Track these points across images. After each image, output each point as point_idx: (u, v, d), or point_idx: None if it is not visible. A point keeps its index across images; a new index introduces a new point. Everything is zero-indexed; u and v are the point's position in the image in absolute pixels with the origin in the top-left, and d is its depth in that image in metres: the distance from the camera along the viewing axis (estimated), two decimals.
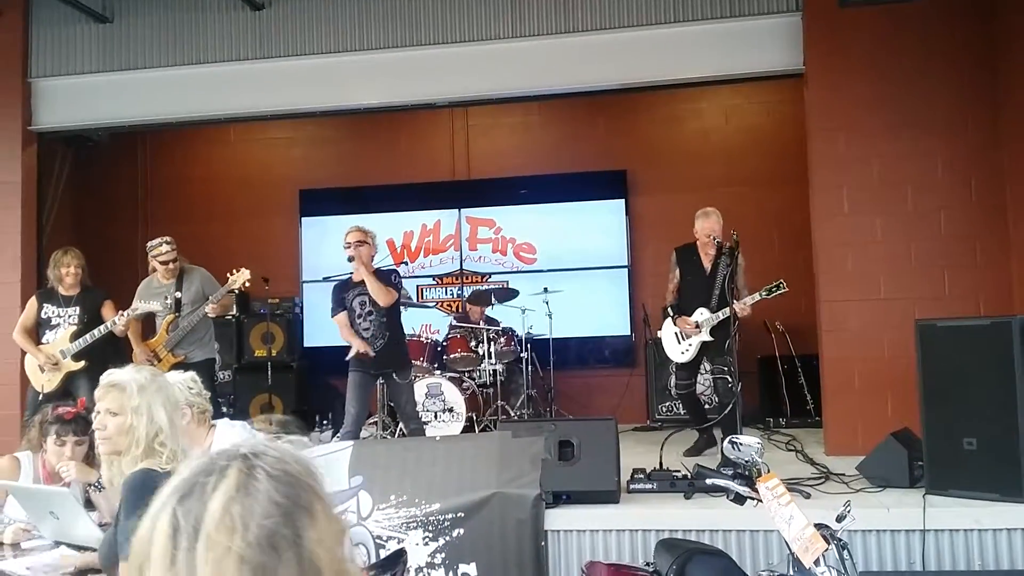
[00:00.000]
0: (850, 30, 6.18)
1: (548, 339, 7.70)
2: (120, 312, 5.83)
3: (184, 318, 5.88)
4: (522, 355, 7.39)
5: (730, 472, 3.05)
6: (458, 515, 4.49)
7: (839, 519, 2.82)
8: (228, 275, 5.89)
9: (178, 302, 5.94)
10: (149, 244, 5.99)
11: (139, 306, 5.86)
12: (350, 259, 5.62)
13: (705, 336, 5.89)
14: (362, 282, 5.62)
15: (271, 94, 7.20)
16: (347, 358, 5.70)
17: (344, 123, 9.06)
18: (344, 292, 5.74)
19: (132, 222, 9.36)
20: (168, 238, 5.96)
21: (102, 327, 5.83)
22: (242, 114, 7.52)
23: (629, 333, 8.67)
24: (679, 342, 6.06)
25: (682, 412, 7.26)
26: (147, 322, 6.09)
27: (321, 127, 9.19)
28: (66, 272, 5.98)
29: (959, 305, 5.76)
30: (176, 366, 5.54)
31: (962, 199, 5.99)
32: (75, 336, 5.88)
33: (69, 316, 5.98)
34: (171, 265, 5.91)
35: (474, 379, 7.10)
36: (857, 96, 6.15)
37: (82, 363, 5.85)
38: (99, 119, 7.57)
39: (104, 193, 9.10)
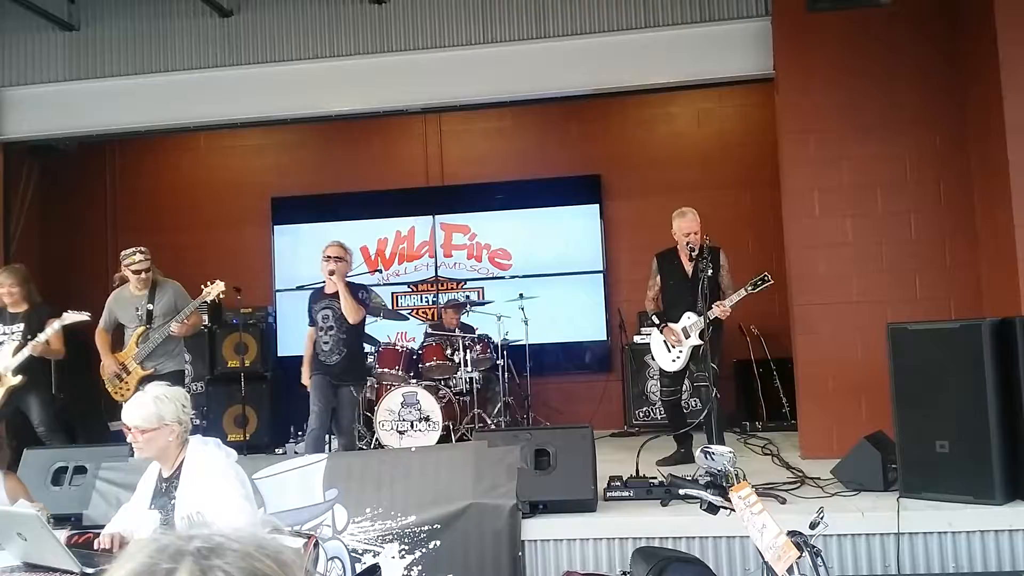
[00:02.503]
0: (818, 34, 6.22)
1: (524, 345, 7.67)
2: (49, 320, 5.81)
3: (155, 331, 5.80)
4: (498, 362, 7.36)
5: (703, 482, 3.04)
6: (434, 527, 4.46)
7: (812, 526, 2.83)
8: (202, 287, 5.82)
9: (150, 314, 5.85)
10: (122, 253, 5.91)
11: (66, 317, 5.80)
12: (331, 272, 5.69)
13: (695, 340, 5.81)
14: (330, 295, 5.74)
15: (241, 102, 7.13)
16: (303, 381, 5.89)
17: (316, 129, 9.00)
18: (312, 304, 5.91)
19: (101, 232, 9.24)
20: (142, 248, 5.88)
21: (34, 342, 5.77)
22: (212, 122, 7.46)
23: (605, 338, 8.67)
24: (669, 351, 5.98)
25: (660, 417, 7.26)
26: (116, 334, 6.00)
27: (293, 134, 9.13)
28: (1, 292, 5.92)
29: (930, 307, 5.80)
30: (145, 379, 5.47)
31: (931, 201, 6.04)
32: (15, 352, 5.83)
33: (13, 333, 5.93)
34: (143, 275, 5.82)
35: (450, 387, 7.06)
36: (826, 99, 6.19)
37: (20, 378, 5.79)
38: (66, 128, 7.48)
39: (72, 203, 8.98)
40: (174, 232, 8.78)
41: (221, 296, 5.86)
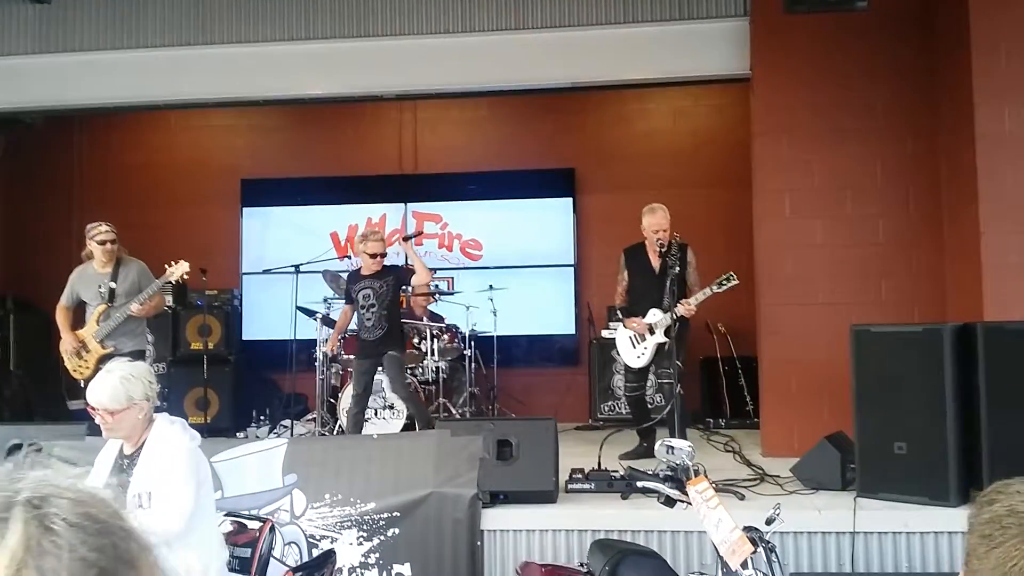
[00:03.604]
0: (796, 36, 6.24)
1: (492, 337, 7.65)
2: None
3: (117, 309, 5.70)
4: (465, 352, 7.34)
5: (663, 475, 3.04)
6: (393, 514, 4.44)
7: (768, 522, 2.83)
8: (166, 266, 5.73)
9: (112, 292, 5.76)
10: (88, 226, 5.80)
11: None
12: (407, 238, 6.33)
13: (660, 337, 5.81)
14: (369, 276, 6.09)
15: (214, 81, 7.03)
16: (324, 351, 6.47)
17: (289, 112, 8.91)
18: (351, 284, 6.22)
19: (66, 208, 9.07)
20: (108, 223, 5.79)
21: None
22: (183, 101, 7.35)
23: (574, 332, 8.68)
24: (634, 346, 5.98)
25: (625, 412, 7.28)
26: (78, 312, 5.90)
27: (265, 115, 9.03)
28: None
29: (895, 311, 5.86)
30: (104, 358, 5.39)
31: (900, 206, 6.09)
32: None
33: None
34: (109, 246, 5.71)
35: (416, 376, 7.02)
36: (801, 101, 6.22)
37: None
38: (34, 101, 7.33)
39: (37, 178, 8.81)
40: (140, 211, 8.64)
41: (185, 276, 5.78)
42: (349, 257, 8.30)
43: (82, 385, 5.39)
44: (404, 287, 6.37)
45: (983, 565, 0.95)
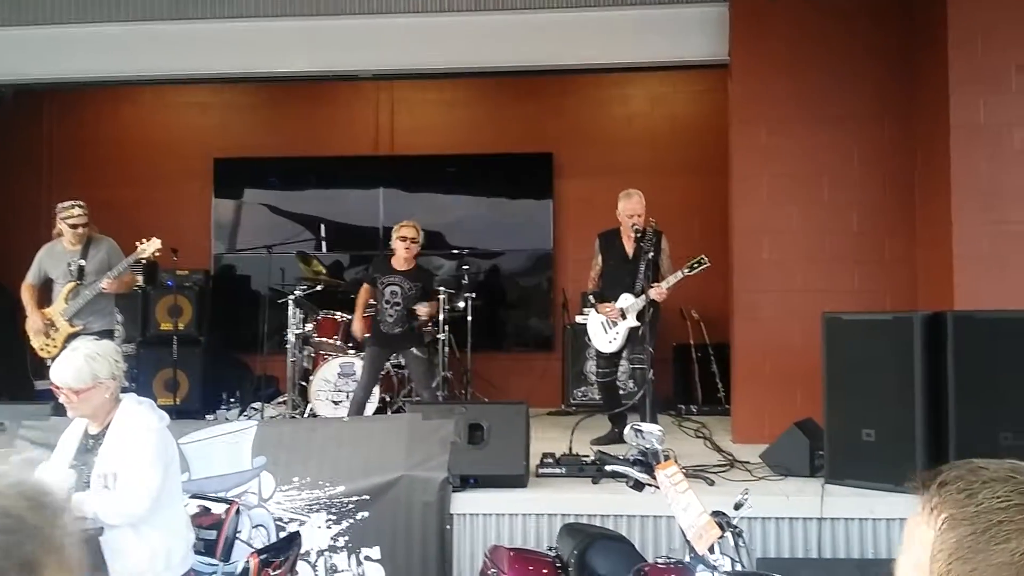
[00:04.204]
0: (775, 23, 6.23)
1: (467, 321, 7.62)
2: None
3: (86, 287, 5.62)
4: (439, 336, 7.30)
5: (632, 459, 3.04)
6: (363, 498, 4.42)
7: (736, 507, 2.83)
8: (136, 243, 5.65)
9: (81, 270, 5.68)
10: (59, 206, 5.72)
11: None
12: (412, 253, 6.13)
13: (631, 322, 5.81)
14: (400, 272, 6.10)
15: (186, 57, 6.92)
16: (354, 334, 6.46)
17: (263, 90, 8.80)
18: (380, 274, 6.19)
19: (35, 184, 8.91)
20: (80, 202, 5.71)
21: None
22: (156, 76, 7.27)
23: (548, 317, 8.66)
24: (606, 331, 5.97)
25: (597, 397, 7.28)
26: (45, 290, 5.80)
27: (239, 93, 8.90)
28: None
29: (867, 299, 5.89)
30: (72, 336, 5.31)
31: (875, 195, 6.12)
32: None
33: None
34: (79, 230, 5.63)
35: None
36: (780, 88, 6.22)
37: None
38: (4, 75, 7.18)
39: (6, 153, 8.64)
40: (111, 188, 8.49)
41: (156, 254, 5.70)
42: (323, 238, 8.20)
43: (49, 364, 5.31)
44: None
45: (987, 560, 0.86)
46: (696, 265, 5.55)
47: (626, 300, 5.83)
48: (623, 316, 5.84)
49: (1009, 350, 4.40)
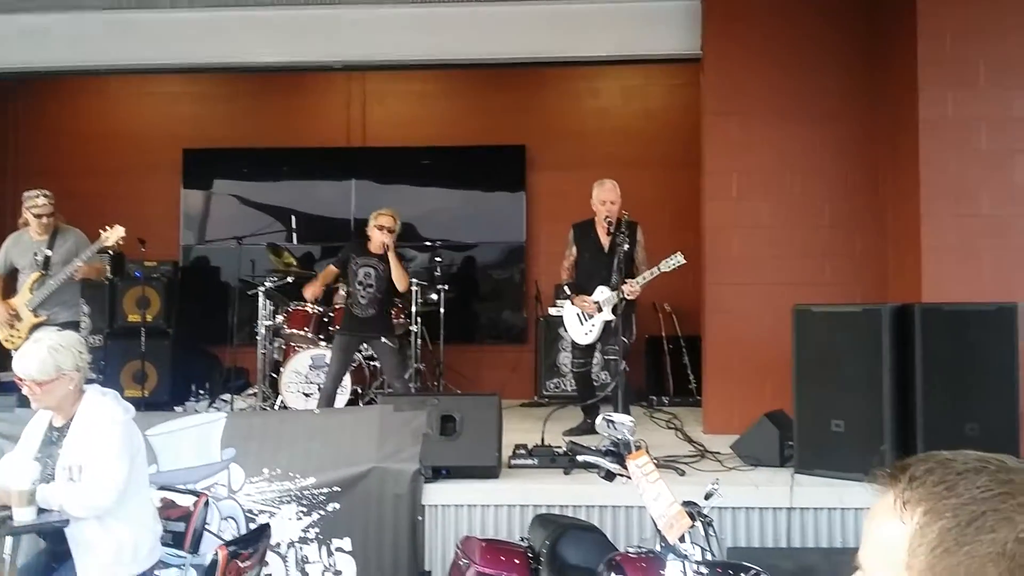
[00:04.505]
0: (747, 18, 6.26)
1: (439, 313, 7.60)
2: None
3: (52, 277, 5.53)
4: (412, 328, 7.27)
5: (604, 449, 3.04)
6: (334, 489, 4.39)
7: (707, 497, 2.84)
8: (100, 231, 5.57)
9: (47, 260, 5.60)
10: (25, 194, 5.64)
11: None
12: (386, 246, 5.98)
13: (607, 315, 5.80)
14: (376, 255, 6.03)
15: (155, 47, 6.82)
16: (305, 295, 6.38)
17: (234, 81, 8.69)
18: (354, 254, 6.12)
19: (1, 174, 8.75)
20: (47, 191, 5.63)
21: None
22: (122, 66, 7.16)
23: (521, 309, 8.66)
24: (582, 323, 5.96)
25: (570, 389, 7.30)
26: (7, 279, 5.70)
27: (209, 84, 8.79)
28: None
29: (837, 292, 5.93)
30: (37, 327, 5.23)
31: (845, 189, 6.17)
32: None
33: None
34: (45, 219, 5.55)
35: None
36: (751, 82, 6.24)
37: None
38: None
39: None
40: (78, 179, 8.36)
41: (121, 242, 5.62)
42: (295, 229, 8.12)
43: (13, 355, 5.23)
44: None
45: (973, 552, 0.85)
46: (672, 263, 5.55)
47: (602, 293, 5.83)
48: (599, 309, 5.84)
49: (975, 342, 4.46)
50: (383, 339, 6.11)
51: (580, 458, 3.26)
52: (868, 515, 0.97)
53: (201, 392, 7.52)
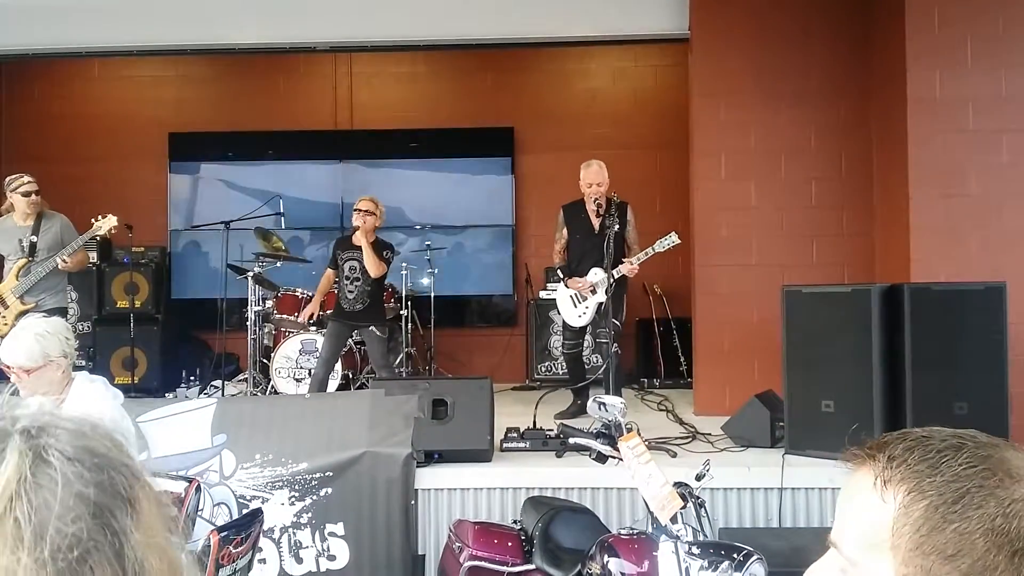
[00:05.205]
0: None
1: (430, 296, 7.59)
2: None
3: (38, 264, 5.49)
4: (402, 312, 7.26)
5: (595, 431, 3.05)
6: (326, 474, 4.38)
7: (698, 477, 2.86)
8: (92, 220, 5.53)
9: (33, 246, 5.55)
10: (7, 179, 5.57)
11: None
12: (355, 227, 5.94)
13: (601, 297, 5.78)
14: (357, 247, 5.94)
15: (139, 28, 6.73)
16: (299, 318, 6.52)
17: (219, 63, 8.61)
18: (339, 249, 6.14)
19: None
20: (30, 175, 5.57)
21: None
22: (106, 49, 7.06)
23: (511, 292, 8.65)
24: (575, 305, 5.95)
25: (562, 372, 7.31)
26: None
27: (194, 67, 8.71)
28: None
29: (826, 272, 5.96)
30: (24, 314, 5.19)
31: (832, 170, 6.18)
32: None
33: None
34: (34, 197, 5.50)
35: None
36: (739, 63, 6.23)
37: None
38: None
39: None
40: (63, 164, 8.29)
41: (112, 231, 5.59)
42: (282, 215, 8.09)
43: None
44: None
45: (961, 528, 0.84)
46: (667, 242, 5.56)
47: (596, 274, 5.82)
48: (593, 291, 5.84)
49: (964, 322, 4.49)
50: (372, 327, 6.12)
51: (572, 440, 3.27)
52: (842, 494, 0.96)
53: (191, 378, 7.49)
